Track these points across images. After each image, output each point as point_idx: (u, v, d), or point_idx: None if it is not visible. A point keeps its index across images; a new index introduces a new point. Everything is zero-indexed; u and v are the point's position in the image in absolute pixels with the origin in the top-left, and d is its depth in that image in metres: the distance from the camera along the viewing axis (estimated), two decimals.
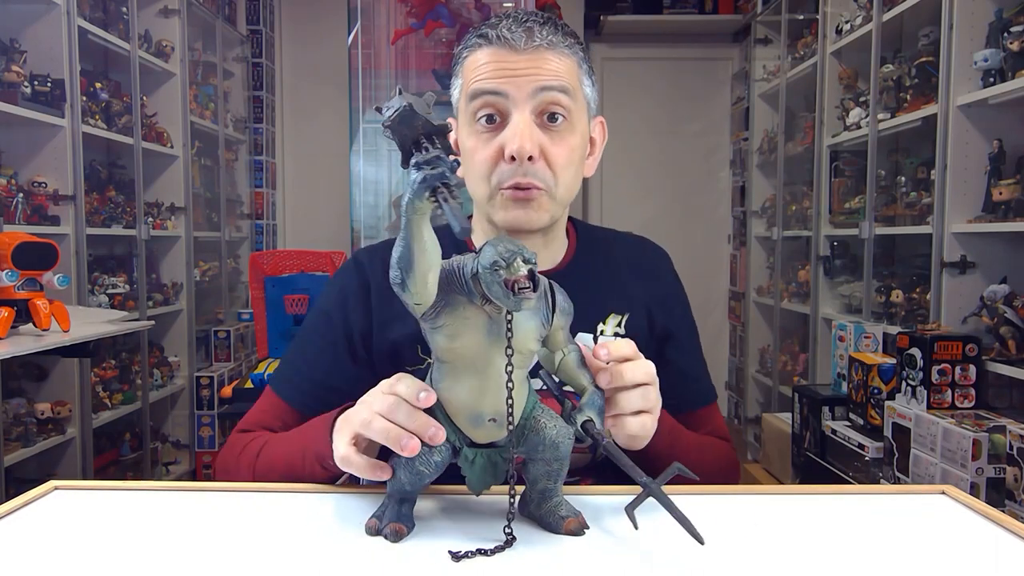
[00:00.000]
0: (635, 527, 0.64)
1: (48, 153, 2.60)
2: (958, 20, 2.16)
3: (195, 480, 3.45)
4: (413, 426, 0.68)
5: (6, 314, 1.59)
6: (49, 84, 2.52)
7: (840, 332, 2.60)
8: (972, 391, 1.96)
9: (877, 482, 2.08)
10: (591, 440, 0.69)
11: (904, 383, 2.04)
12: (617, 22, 4.54)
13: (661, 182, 4.80)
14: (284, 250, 3.60)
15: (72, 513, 0.75)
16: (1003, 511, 0.76)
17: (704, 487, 0.84)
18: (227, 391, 2.55)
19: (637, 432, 0.77)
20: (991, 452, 1.72)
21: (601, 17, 4.52)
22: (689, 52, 4.78)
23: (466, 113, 0.94)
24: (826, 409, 2.44)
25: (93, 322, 1.93)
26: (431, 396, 0.68)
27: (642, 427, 0.77)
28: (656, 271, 1.09)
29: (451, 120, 1.00)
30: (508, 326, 0.64)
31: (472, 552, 0.65)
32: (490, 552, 0.65)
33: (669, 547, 0.67)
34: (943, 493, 0.82)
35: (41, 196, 2.54)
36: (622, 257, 1.07)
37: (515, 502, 0.68)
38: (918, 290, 2.50)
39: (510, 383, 0.65)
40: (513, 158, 0.89)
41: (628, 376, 0.76)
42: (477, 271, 0.62)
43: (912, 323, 2.41)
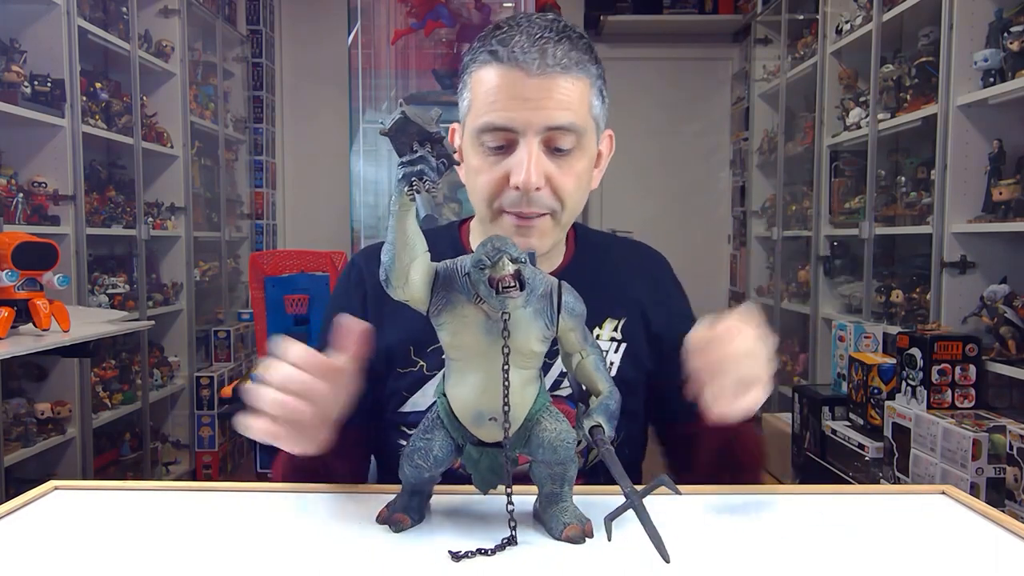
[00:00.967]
0: (608, 538, 0.64)
1: (48, 153, 2.60)
2: (958, 20, 2.16)
3: (195, 480, 3.45)
4: (306, 364, 0.69)
5: (6, 314, 1.59)
6: (49, 84, 2.52)
7: (840, 332, 2.60)
8: (972, 391, 1.96)
9: (877, 482, 2.08)
10: (593, 445, 0.68)
11: (904, 383, 2.04)
12: (617, 22, 4.54)
13: (661, 182, 4.80)
14: (284, 250, 3.60)
15: (72, 513, 0.75)
16: (1003, 511, 0.76)
17: (704, 487, 0.84)
18: (227, 391, 2.55)
19: (750, 407, 0.75)
20: (991, 452, 1.72)
21: (601, 17, 4.52)
22: (689, 52, 4.78)
23: (473, 135, 0.92)
24: (826, 409, 2.44)
25: (93, 322, 1.93)
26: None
27: (755, 401, 0.75)
28: (653, 276, 1.08)
29: (453, 126, 0.98)
30: (504, 325, 0.64)
31: (472, 552, 0.65)
32: (490, 552, 0.65)
33: (670, 548, 0.67)
34: (943, 493, 0.82)
35: (41, 196, 2.54)
36: (619, 261, 1.07)
37: (513, 503, 0.68)
38: (918, 290, 2.50)
39: (506, 382, 0.65)
40: (519, 187, 0.88)
41: (732, 345, 0.74)
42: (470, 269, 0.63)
43: (912, 323, 2.41)
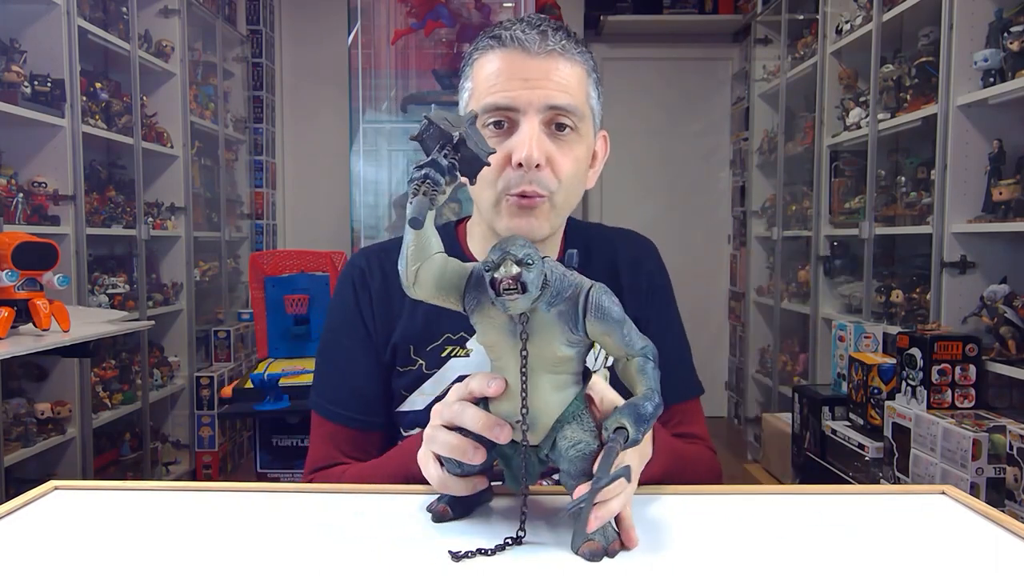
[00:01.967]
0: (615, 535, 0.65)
1: (48, 153, 2.60)
2: (958, 20, 2.16)
3: (195, 480, 3.45)
4: (478, 427, 0.67)
5: (6, 314, 1.59)
6: (49, 84, 2.52)
7: (840, 332, 2.60)
8: (972, 391, 1.96)
9: (877, 482, 2.08)
10: (610, 443, 0.65)
11: (904, 383, 2.04)
12: (617, 22, 4.54)
13: (661, 182, 4.80)
14: (284, 250, 3.60)
15: (72, 513, 0.75)
16: (1003, 511, 0.76)
17: (703, 487, 0.84)
18: (227, 391, 2.55)
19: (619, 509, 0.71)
20: (991, 452, 1.72)
21: (601, 17, 4.52)
22: (689, 52, 4.78)
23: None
24: (826, 409, 2.44)
25: (93, 322, 1.93)
26: (500, 382, 0.67)
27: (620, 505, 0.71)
28: (638, 261, 1.08)
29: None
30: (523, 328, 0.64)
31: (472, 552, 0.65)
32: (490, 552, 0.65)
33: (670, 548, 0.67)
34: (943, 493, 0.82)
35: (41, 196, 2.54)
36: (608, 250, 1.08)
37: (527, 504, 0.68)
38: (918, 290, 2.50)
39: (524, 385, 0.65)
40: (520, 165, 0.89)
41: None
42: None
43: (912, 323, 2.41)
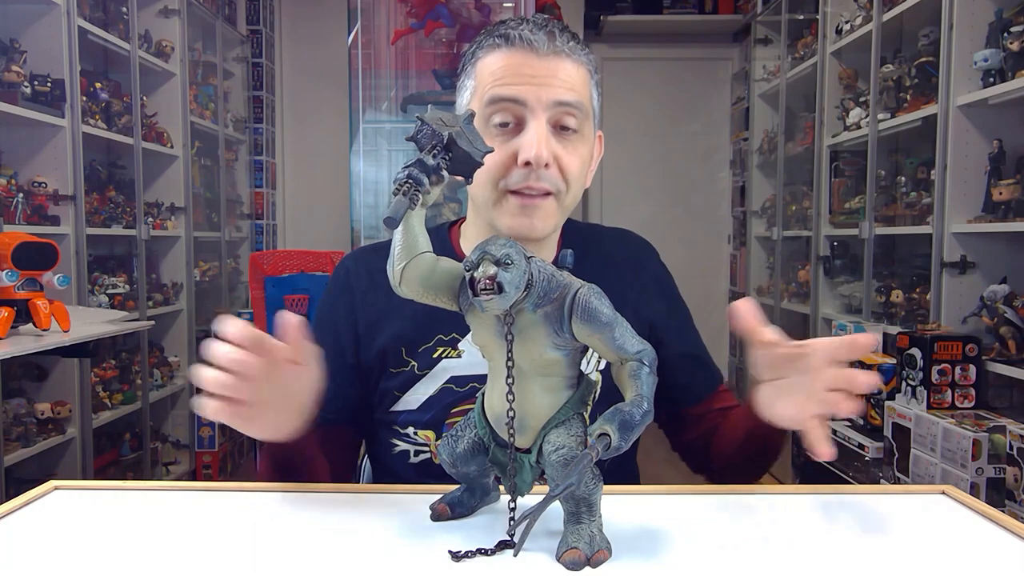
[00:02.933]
0: (515, 549, 0.64)
1: (48, 153, 2.60)
2: (958, 20, 2.16)
3: (195, 480, 3.45)
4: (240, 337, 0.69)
5: (6, 314, 1.59)
6: (49, 84, 2.52)
7: (840, 332, 2.60)
8: (972, 391, 1.96)
9: (877, 482, 2.08)
10: (592, 450, 0.63)
11: (904, 383, 2.04)
12: (617, 22, 4.54)
13: (661, 182, 4.80)
14: (284, 250, 3.59)
15: (72, 513, 0.75)
16: (1003, 511, 0.76)
17: (704, 487, 0.84)
18: None
19: (848, 413, 0.74)
20: (991, 452, 1.72)
21: (601, 17, 4.52)
22: (689, 52, 4.78)
23: (479, 116, 0.94)
24: None
25: (93, 322, 1.93)
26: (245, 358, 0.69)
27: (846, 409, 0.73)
28: (638, 263, 1.09)
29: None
30: (508, 329, 0.63)
31: (472, 552, 0.65)
32: (490, 552, 0.65)
33: (669, 548, 0.67)
34: (943, 493, 0.82)
35: (41, 196, 2.54)
36: (605, 251, 1.08)
37: (515, 510, 0.67)
38: (918, 290, 2.50)
39: (511, 386, 0.64)
40: (528, 163, 0.89)
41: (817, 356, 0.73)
42: None
43: (912, 323, 2.41)
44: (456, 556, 0.64)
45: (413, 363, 0.98)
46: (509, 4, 3.80)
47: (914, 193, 2.50)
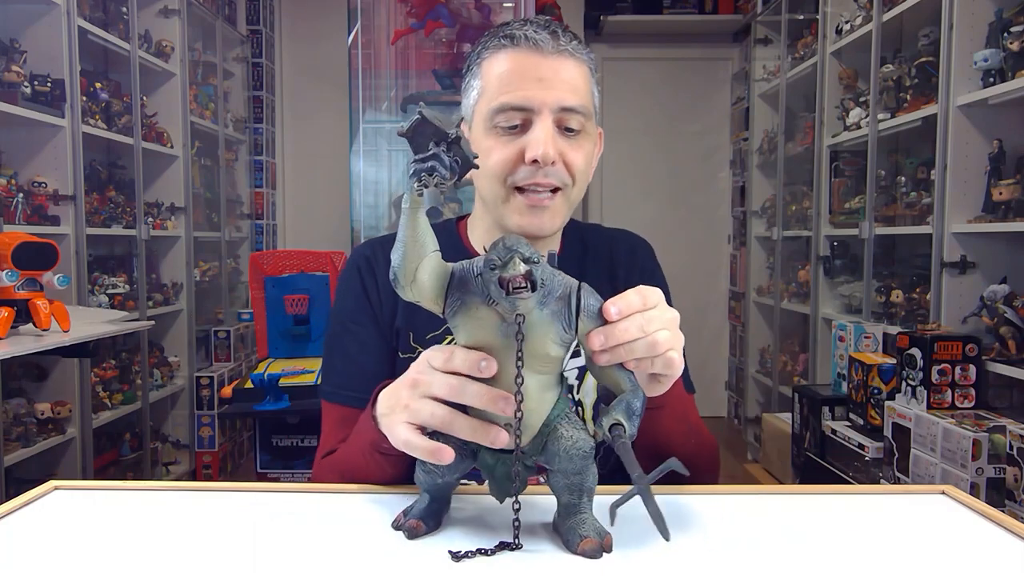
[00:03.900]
0: (611, 522, 0.63)
1: (48, 153, 2.60)
2: (958, 20, 2.16)
3: (195, 480, 3.45)
4: (483, 402, 0.64)
5: (6, 314, 1.59)
6: (49, 84, 2.52)
7: (840, 332, 2.60)
8: (972, 391, 1.96)
9: (877, 482, 2.08)
10: (611, 443, 0.65)
11: (904, 383, 2.04)
12: (617, 22, 4.54)
13: (661, 182, 4.80)
14: (284, 250, 3.60)
15: (72, 513, 0.75)
16: (1003, 511, 0.76)
17: (705, 487, 0.84)
18: (227, 391, 2.54)
19: (661, 370, 0.69)
20: (991, 452, 1.72)
21: (601, 17, 4.52)
22: (689, 52, 4.78)
23: (487, 118, 0.96)
24: (826, 409, 2.44)
25: (93, 322, 1.93)
26: (492, 362, 0.64)
27: (666, 365, 0.69)
28: (634, 260, 1.10)
29: (463, 127, 1.01)
30: (519, 328, 0.62)
31: (472, 552, 0.65)
32: (490, 552, 0.65)
33: (670, 548, 0.67)
34: (943, 493, 0.82)
35: (41, 196, 2.54)
36: (604, 249, 1.10)
37: (519, 511, 0.67)
38: (918, 290, 2.50)
39: (520, 387, 0.64)
40: (535, 161, 0.92)
41: (628, 331, 0.66)
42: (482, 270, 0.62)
43: (912, 323, 2.41)
44: (456, 556, 0.64)
45: (420, 350, 0.99)
46: (509, 4, 3.80)
47: (914, 193, 2.50)
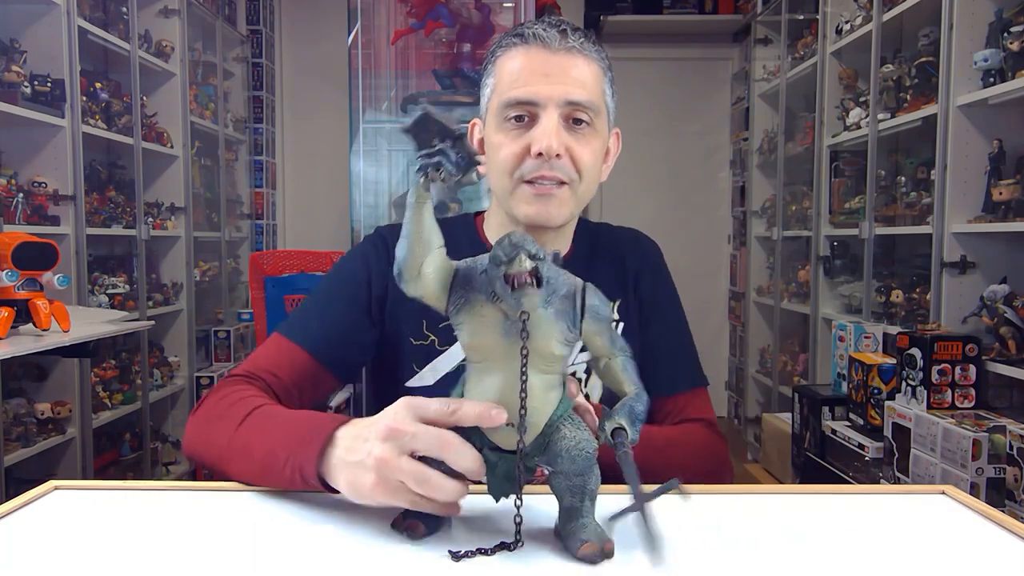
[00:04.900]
0: (609, 533, 0.64)
1: (48, 153, 2.60)
2: (958, 20, 2.16)
3: (195, 480, 3.45)
4: (445, 496, 0.64)
5: (6, 314, 1.59)
6: (49, 84, 2.52)
7: (840, 332, 2.60)
8: (972, 391, 1.96)
9: (877, 482, 2.08)
10: (613, 447, 0.64)
11: (904, 383, 2.04)
12: (617, 22, 4.54)
13: (661, 182, 4.80)
14: (284, 250, 3.59)
15: (72, 513, 0.75)
16: (1003, 511, 0.76)
17: (704, 487, 0.84)
18: None
19: None
20: (991, 452, 1.72)
21: (601, 17, 4.51)
22: (689, 52, 4.78)
23: (497, 113, 0.99)
24: (826, 409, 2.44)
25: (93, 322, 1.93)
26: (502, 410, 0.63)
27: None
28: (643, 258, 1.14)
29: (475, 121, 1.05)
30: (523, 326, 0.62)
31: (472, 552, 0.65)
32: (490, 552, 0.65)
33: (669, 548, 0.67)
34: (943, 493, 0.82)
35: (41, 196, 2.54)
36: (615, 247, 1.13)
37: (521, 511, 0.66)
38: (918, 290, 2.50)
39: (524, 386, 0.63)
40: (540, 154, 0.94)
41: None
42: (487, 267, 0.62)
43: (912, 323, 2.41)
44: (456, 556, 0.64)
45: (433, 337, 1.02)
46: (509, 4, 3.80)
47: (914, 193, 2.50)
